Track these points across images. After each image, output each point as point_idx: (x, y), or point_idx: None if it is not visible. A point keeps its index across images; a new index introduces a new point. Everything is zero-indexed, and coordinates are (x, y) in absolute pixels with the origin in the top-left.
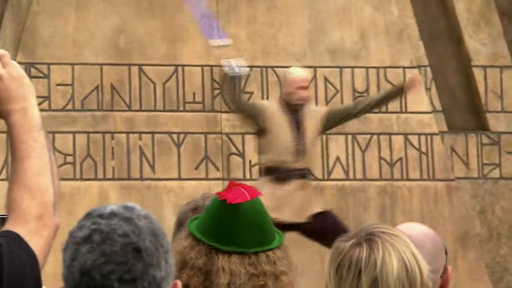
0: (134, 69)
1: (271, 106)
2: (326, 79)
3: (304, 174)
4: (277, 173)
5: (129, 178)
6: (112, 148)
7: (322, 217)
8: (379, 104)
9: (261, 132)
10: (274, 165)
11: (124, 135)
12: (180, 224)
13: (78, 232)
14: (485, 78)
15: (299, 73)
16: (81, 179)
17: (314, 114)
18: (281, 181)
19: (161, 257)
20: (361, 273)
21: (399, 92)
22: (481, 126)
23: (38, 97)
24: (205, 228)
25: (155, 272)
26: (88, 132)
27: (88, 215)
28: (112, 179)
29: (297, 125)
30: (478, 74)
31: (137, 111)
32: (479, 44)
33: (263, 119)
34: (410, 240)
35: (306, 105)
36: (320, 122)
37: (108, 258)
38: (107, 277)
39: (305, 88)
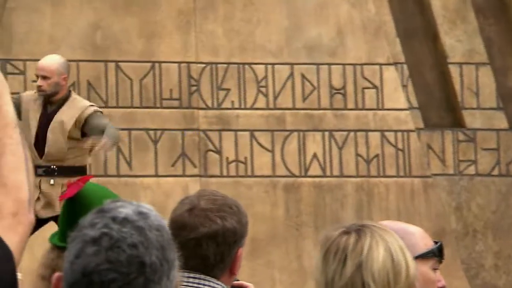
0: (111, 66)
1: (28, 96)
2: (303, 76)
3: (48, 171)
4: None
5: (105, 175)
6: None
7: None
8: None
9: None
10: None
11: None
12: (176, 227)
13: (89, 229)
14: (461, 75)
15: (41, 61)
16: None
17: (70, 111)
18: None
19: (164, 273)
20: (346, 258)
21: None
22: (457, 123)
23: (14, 93)
24: (63, 233)
25: (155, 287)
26: None
27: (102, 213)
28: None
29: (46, 119)
30: (454, 71)
31: (114, 107)
32: (455, 41)
33: (18, 110)
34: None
35: (56, 97)
36: (72, 122)
37: (111, 266)
38: (107, 284)
39: (44, 78)
